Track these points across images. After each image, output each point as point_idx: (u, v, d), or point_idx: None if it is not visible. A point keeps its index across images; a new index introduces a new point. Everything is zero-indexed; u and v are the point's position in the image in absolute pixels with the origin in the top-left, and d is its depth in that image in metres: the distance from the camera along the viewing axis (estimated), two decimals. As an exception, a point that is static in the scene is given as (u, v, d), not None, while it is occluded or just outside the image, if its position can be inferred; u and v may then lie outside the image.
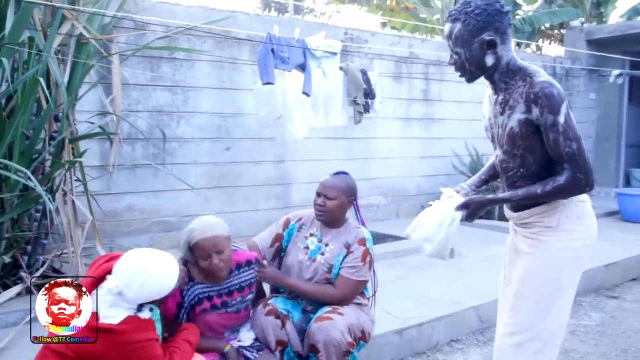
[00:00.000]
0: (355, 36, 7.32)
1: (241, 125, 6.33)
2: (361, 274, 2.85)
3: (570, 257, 2.25)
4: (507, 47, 2.19)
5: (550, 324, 2.25)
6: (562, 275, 2.25)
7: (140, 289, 2.20)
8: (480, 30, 2.14)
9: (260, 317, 2.71)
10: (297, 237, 2.97)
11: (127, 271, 2.23)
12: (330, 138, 6.97)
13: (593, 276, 5.32)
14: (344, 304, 2.83)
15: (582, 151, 2.09)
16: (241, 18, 6.28)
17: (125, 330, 2.18)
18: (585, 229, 2.28)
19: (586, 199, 2.30)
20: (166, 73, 5.76)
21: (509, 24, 2.18)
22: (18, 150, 3.87)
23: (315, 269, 2.87)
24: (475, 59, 2.19)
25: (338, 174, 2.95)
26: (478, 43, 2.15)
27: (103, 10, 4.25)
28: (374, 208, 7.73)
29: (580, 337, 4.20)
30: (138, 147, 5.67)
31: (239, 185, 6.38)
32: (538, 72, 2.17)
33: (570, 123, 2.09)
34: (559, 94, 2.08)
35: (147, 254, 2.31)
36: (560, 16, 11.11)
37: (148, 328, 2.28)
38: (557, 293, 2.25)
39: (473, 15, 2.13)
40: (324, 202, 2.86)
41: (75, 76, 4.18)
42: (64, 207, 4.20)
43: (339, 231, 2.93)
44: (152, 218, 5.79)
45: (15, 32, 3.67)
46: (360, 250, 2.86)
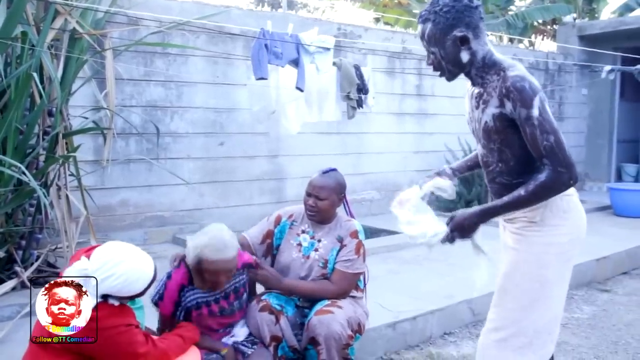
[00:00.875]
0: (348, 31, 7.33)
1: (235, 120, 6.34)
2: (357, 266, 2.87)
3: (555, 253, 2.21)
4: (481, 41, 2.17)
5: (536, 320, 2.21)
6: (546, 271, 2.21)
7: (105, 280, 2.15)
8: (451, 27, 2.13)
9: (255, 313, 2.73)
10: (289, 234, 2.98)
11: (101, 258, 2.20)
12: (324, 133, 6.99)
13: (585, 270, 5.37)
14: (342, 297, 2.85)
15: (560, 144, 2.04)
16: (235, 13, 6.28)
17: (100, 316, 2.13)
18: (572, 223, 2.23)
19: (573, 192, 2.24)
20: (160, 68, 5.75)
21: (480, 17, 2.16)
22: (12, 145, 3.87)
23: (310, 266, 2.88)
24: (451, 56, 2.18)
25: (327, 172, 2.94)
26: (451, 40, 2.14)
27: (96, 6, 4.24)
28: (368, 203, 7.75)
29: (572, 329, 4.25)
30: (132, 142, 5.67)
31: (233, 180, 6.39)
32: (513, 66, 2.15)
33: (546, 116, 2.04)
34: (531, 87, 2.04)
35: (128, 250, 2.28)
36: (553, 12, 11.15)
37: (124, 314, 2.24)
38: (541, 289, 2.21)
39: (442, 14, 2.12)
40: (315, 203, 2.86)
41: (69, 71, 4.18)
42: (58, 202, 4.20)
43: (330, 226, 2.94)
44: (146, 213, 5.79)
45: (8, 27, 3.66)
46: (354, 242, 2.88)
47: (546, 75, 10.14)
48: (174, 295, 2.57)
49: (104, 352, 2.18)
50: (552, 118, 2.06)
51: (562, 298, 2.28)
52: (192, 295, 2.60)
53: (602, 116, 10.88)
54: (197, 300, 2.61)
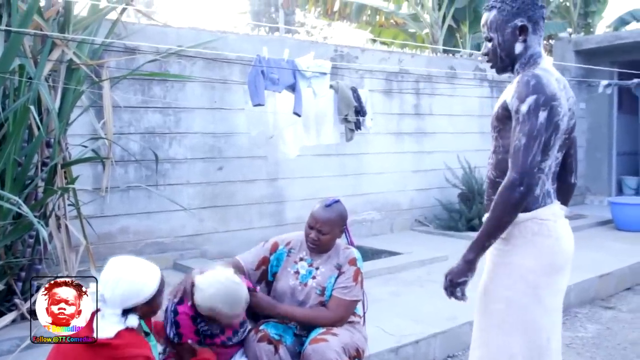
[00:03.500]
0: (345, 53, 7.38)
1: (234, 144, 6.35)
2: (354, 293, 2.86)
3: (519, 275, 2.14)
4: (537, 38, 2.22)
5: (508, 344, 2.14)
6: (510, 293, 2.16)
7: (115, 286, 2.22)
8: (514, 16, 2.19)
9: (253, 344, 2.72)
10: (286, 262, 2.98)
11: (106, 272, 2.27)
12: (323, 155, 6.99)
13: (587, 287, 5.35)
14: (339, 325, 2.83)
15: (527, 149, 2.01)
16: (231, 38, 6.32)
17: (120, 344, 2.18)
18: (542, 248, 2.14)
19: (553, 218, 2.16)
20: (157, 95, 5.78)
21: (542, 17, 2.23)
22: (10, 177, 3.87)
23: (308, 294, 2.88)
24: (507, 44, 2.22)
25: (330, 204, 2.91)
26: (511, 28, 2.20)
27: (92, 37, 4.27)
28: (368, 223, 7.74)
29: (577, 349, 4.22)
30: (131, 169, 5.68)
31: (232, 204, 6.39)
32: (543, 67, 2.17)
33: (533, 119, 2.02)
34: (535, 86, 2.05)
35: (126, 259, 2.37)
36: (548, 29, 11.22)
37: (143, 345, 2.28)
38: (507, 311, 2.16)
39: (508, 2, 2.20)
40: (317, 237, 2.85)
41: (66, 102, 4.20)
42: (57, 232, 4.20)
43: (330, 254, 2.94)
44: (146, 239, 5.78)
45: (6, 60, 3.69)
46: (352, 270, 2.88)
47: (543, 91, 10.15)
48: (192, 326, 2.63)
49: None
50: (538, 125, 2.03)
51: (542, 326, 2.16)
52: (205, 326, 2.65)
53: (600, 130, 10.90)
54: (207, 331, 2.66)
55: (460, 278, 2.16)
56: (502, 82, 9.21)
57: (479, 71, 8.95)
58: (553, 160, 2.19)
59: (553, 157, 2.18)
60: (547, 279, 2.15)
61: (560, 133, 2.15)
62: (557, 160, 2.23)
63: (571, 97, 2.23)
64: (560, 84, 2.17)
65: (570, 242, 2.24)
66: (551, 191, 2.23)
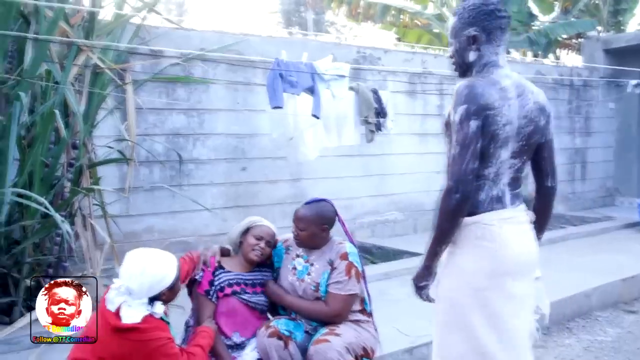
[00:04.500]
0: (368, 54, 7.41)
1: (256, 145, 6.45)
2: (348, 287, 2.90)
3: (462, 278, 2.17)
4: (491, 48, 2.24)
5: (455, 345, 2.17)
6: (453, 294, 2.19)
7: (141, 278, 2.35)
8: (469, 24, 2.25)
9: (263, 339, 2.80)
10: (286, 259, 3.08)
11: (128, 266, 2.40)
12: (346, 156, 7.04)
13: (610, 290, 5.29)
14: (339, 319, 2.90)
15: (460, 157, 2.05)
16: (254, 40, 6.41)
17: (147, 328, 2.33)
18: (484, 253, 2.15)
19: (497, 223, 2.17)
20: (181, 97, 5.91)
21: (500, 27, 2.25)
22: (38, 177, 4.02)
23: (305, 289, 2.96)
24: (461, 51, 2.29)
25: (310, 202, 3.04)
26: (465, 36, 2.26)
27: (116, 43, 4.40)
28: (391, 224, 7.76)
29: (595, 353, 4.19)
30: (156, 170, 5.81)
31: (255, 204, 6.48)
32: (489, 76, 2.19)
33: (465, 129, 2.07)
34: (467, 96, 2.09)
35: (144, 250, 2.50)
36: (577, 27, 11.03)
37: (165, 329, 2.44)
38: (452, 312, 2.19)
39: (467, 10, 2.26)
40: (297, 232, 2.99)
41: (92, 105, 4.34)
42: (83, 231, 4.34)
43: (323, 250, 3.02)
44: (170, 238, 5.90)
45: (34, 66, 3.85)
46: (343, 264, 2.92)
47: (571, 91, 10.04)
48: (208, 276, 2.93)
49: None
50: (470, 133, 2.06)
51: (488, 330, 2.15)
52: (225, 276, 2.94)
53: (630, 130, 10.72)
54: (229, 279, 2.93)
55: (421, 282, 2.25)
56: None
57: (505, 71, 8.87)
58: (503, 167, 2.19)
59: (499, 164, 2.18)
60: (489, 283, 2.14)
61: (501, 142, 2.14)
62: (516, 166, 2.23)
63: (532, 103, 2.21)
64: (511, 92, 2.16)
65: (521, 247, 2.21)
66: (503, 197, 2.22)
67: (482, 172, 2.16)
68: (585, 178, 10.48)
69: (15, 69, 4.11)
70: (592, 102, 10.31)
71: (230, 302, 2.92)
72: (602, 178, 10.75)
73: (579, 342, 4.37)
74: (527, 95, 2.22)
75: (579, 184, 10.39)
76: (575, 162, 10.31)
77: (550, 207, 2.43)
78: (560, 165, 9.88)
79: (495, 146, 2.14)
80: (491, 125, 2.10)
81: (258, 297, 3.00)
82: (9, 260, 4.04)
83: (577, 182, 10.37)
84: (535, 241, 2.32)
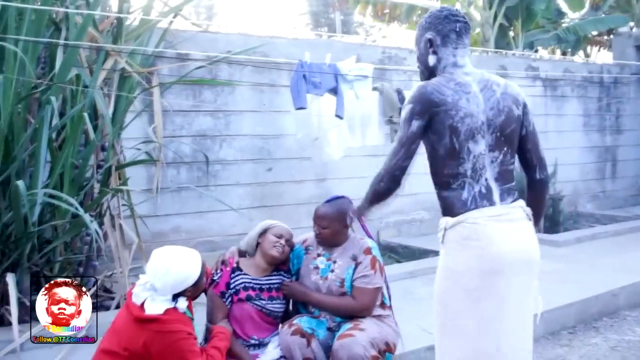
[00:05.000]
0: (393, 54, 7.43)
1: (282, 146, 6.52)
2: (375, 281, 2.96)
3: (453, 280, 2.16)
4: (448, 50, 2.30)
5: (451, 348, 2.17)
6: (446, 296, 2.18)
7: (166, 277, 2.41)
8: (425, 30, 2.35)
9: (286, 337, 2.84)
10: (306, 259, 3.10)
11: (153, 264, 2.46)
12: (371, 155, 7.04)
13: (639, 290, 5.22)
14: (366, 313, 2.94)
15: (394, 153, 2.17)
16: (279, 42, 6.49)
17: (168, 319, 2.37)
18: (472, 253, 2.12)
19: (482, 221, 2.14)
20: (208, 99, 6.01)
21: (454, 30, 2.30)
22: (68, 179, 4.15)
23: (329, 287, 2.99)
24: (422, 58, 2.37)
25: (331, 200, 3.07)
26: (423, 42, 2.35)
27: (143, 47, 4.51)
28: (417, 223, 7.76)
29: (622, 352, 4.14)
30: (183, 171, 5.92)
31: (281, 204, 6.55)
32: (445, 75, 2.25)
33: (406, 127, 2.17)
34: (414, 96, 2.19)
35: (169, 248, 2.55)
36: (607, 23, 10.85)
37: (187, 323, 2.47)
38: (445, 313, 2.19)
39: (425, 18, 2.39)
40: (319, 231, 3.02)
41: (120, 108, 4.46)
42: (112, 231, 4.45)
43: (344, 247, 3.05)
44: (197, 238, 6.01)
45: (64, 71, 3.97)
46: (368, 259, 2.98)
47: (601, 88, 9.89)
48: (226, 277, 2.94)
49: (166, 355, 2.37)
50: (408, 133, 2.15)
51: (484, 332, 2.13)
52: (242, 278, 2.94)
53: (662, 127, 10.52)
54: (245, 282, 2.94)
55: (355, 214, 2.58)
56: (555, 80, 9.05)
57: (532, 70, 8.81)
58: (481, 162, 2.19)
59: (473, 159, 2.17)
60: (479, 283, 2.12)
61: (464, 135, 2.15)
62: (497, 159, 2.22)
63: (498, 95, 2.24)
64: (470, 87, 2.21)
65: (512, 245, 2.16)
66: (490, 193, 2.20)
67: (457, 170, 2.18)
68: (616, 176, 10.30)
69: (48, 75, 4.25)
70: (622, 100, 10.14)
71: (244, 309, 2.92)
72: (633, 177, 10.56)
73: (605, 342, 4.33)
74: (492, 87, 2.25)
75: (609, 183, 10.22)
76: (606, 160, 10.15)
77: (542, 198, 2.42)
78: (590, 164, 9.82)
79: (459, 140, 2.15)
80: (445, 120, 2.15)
81: (274, 303, 2.99)
82: (41, 259, 4.17)
83: (608, 180, 10.20)
84: (533, 239, 2.26)
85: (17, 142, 3.88)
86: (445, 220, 2.24)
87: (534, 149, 2.34)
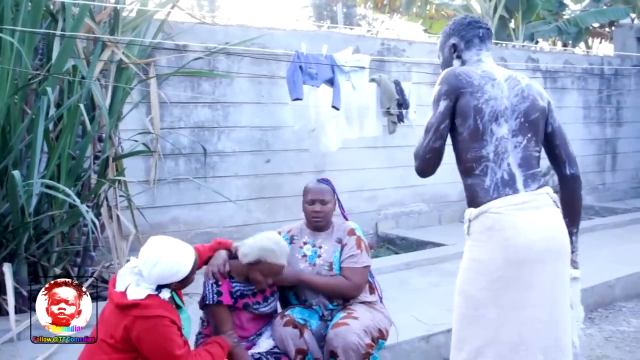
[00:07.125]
0: (392, 46, 7.42)
1: (280, 137, 6.52)
2: (362, 260, 3.02)
3: (477, 270, 2.15)
4: (471, 53, 2.40)
5: (470, 338, 2.16)
6: (468, 287, 2.19)
7: (154, 267, 2.38)
8: (449, 36, 2.47)
9: (279, 328, 2.86)
10: (293, 249, 3.11)
11: (146, 252, 2.43)
12: (370, 147, 7.07)
13: (635, 281, 5.23)
14: (358, 292, 3.00)
15: (426, 134, 2.28)
16: (278, 34, 6.48)
17: (149, 304, 2.32)
18: (495, 243, 2.11)
19: (505, 211, 2.13)
20: (206, 90, 6.01)
21: (478, 36, 2.42)
22: (65, 169, 4.17)
23: (318, 272, 3.02)
24: (446, 62, 2.47)
25: (321, 180, 3.18)
26: (447, 47, 2.47)
27: (140, 39, 4.52)
28: (416, 215, 7.78)
29: (616, 343, 4.16)
30: (181, 162, 5.93)
31: (279, 195, 6.56)
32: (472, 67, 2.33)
33: (435, 108, 2.26)
34: (443, 78, 2.27)
35: (166, 239, 2.52)
36: (608, 15, 10.80)
37: (170, 310, 2.42)
38: (466, 304, 2.19)
39: (448, 25, 2.51)
40: (321, 209, 3.05)
41: (117, 99, 4.47)
42: (109, 221, 4.47)
43: (328, 232, 3.11)
44: (195, 229, 6.03)
45: (61, 61, 3.98)
46: (353, 239, 3.05)
47: (601, 80, 9.87)
48: (228, 286, 2.83)
49: (145, 340, 2.33)
50: (436, 114, 2.24)
51: (506, 321, 2.12)
52: (237, 286, 2.85)
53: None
54: (240, 291, 2.86)
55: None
56: (555, 72, 9.03)
57: (532, 62, 8.79)
58: (504, 145, 2.19)
59: (496, 141, 2.19)
60: (505, 274, 2.11)
61: (488, 116, 2.19)
62: (521, 144, 2.22)
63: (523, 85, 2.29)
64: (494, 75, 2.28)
65: (538, 234, 2.13)
66: (514, 180, 2.19)
67: (480, 152, 2.19)
68: (616, 169, 10.29)
69: (45, 66, 4.27)
70: (623, 91, 10.12)
71: (241, 316, 2.89)
72: (633, 169, 10.55)
73: (600, 332, 4.35)
74: (517, 78, 2.32)
75: (609, 175, 10.21)
76: (606, 152, 10.14)
77: (577, 196, 2.38)
78: (590, 156, 9.81)
79: (482, 121, 2.18)
80: (471, 101, 2.20)
81: (268, 302, 2.96)
82: (39, 249, 4.19)
83: (607, 173, 10.19)
84: (561, 226, 2.23)
85: (14, 132, 3.90)
86: (469, 211, 2.24)
87: (562, 145, 2.35)
